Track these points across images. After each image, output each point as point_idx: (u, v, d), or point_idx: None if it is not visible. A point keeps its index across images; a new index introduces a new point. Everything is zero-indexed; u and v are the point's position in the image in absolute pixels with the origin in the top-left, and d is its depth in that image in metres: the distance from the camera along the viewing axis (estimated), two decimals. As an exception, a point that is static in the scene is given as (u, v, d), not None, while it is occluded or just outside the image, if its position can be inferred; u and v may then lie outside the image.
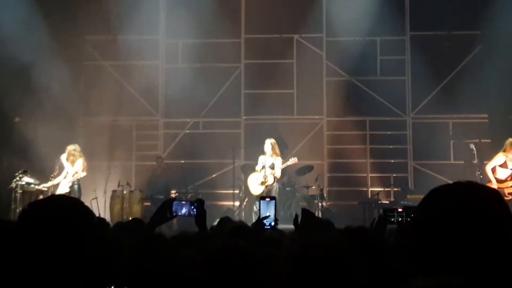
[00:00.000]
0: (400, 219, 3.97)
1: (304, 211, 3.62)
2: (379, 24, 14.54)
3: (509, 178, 10.76)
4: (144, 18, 14.84)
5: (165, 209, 3.54)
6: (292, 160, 12.01)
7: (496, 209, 1.72)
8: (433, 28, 14.98)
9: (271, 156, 12.02)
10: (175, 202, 3.57)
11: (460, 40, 14.85)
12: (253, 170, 12.37)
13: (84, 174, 11.76)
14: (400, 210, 4.01)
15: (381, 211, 3.95)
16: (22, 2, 13.01)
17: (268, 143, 12.10)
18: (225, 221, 5.52)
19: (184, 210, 3.59)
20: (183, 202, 3.63)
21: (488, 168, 10.92)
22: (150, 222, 3.62)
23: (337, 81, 15.25)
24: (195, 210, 3.60)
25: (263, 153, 12.22)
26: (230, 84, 15.51)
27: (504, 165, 10.79)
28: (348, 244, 1.92)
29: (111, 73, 15.27)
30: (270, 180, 11.95)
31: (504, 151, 10.75)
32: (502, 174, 10.81)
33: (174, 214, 3.56)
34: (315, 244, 1.88)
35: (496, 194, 1.78)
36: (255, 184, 12.14)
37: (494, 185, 10.57)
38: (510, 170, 10.78)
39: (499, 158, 10.83)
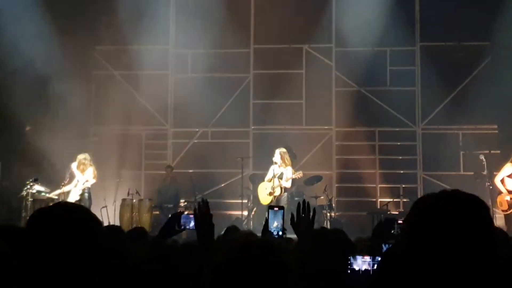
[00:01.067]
0: (400, 231, 3.83)
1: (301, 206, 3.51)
2: (389, 34, 14.54)
3: (518, 188, 10.74)
4: (154, 28, 14.92)
5: (174, 222, 3.55)
6: (297, 174, 11.91)
7: (479, 216, 1.75)
8: (443, 38, 14.98)
9: (281, 165, 11.92)
10: (183, 215, 3.58)
11: (470, 51, 14.82)
12: (263, 179, 12.34)
13: (94, 181, 11.79)
14: (400, 221, 3.87)
15: (382, 220, 3.85)
16: (34, 14, 13.15)
17: (277, 153, 11.98)
18: (232, 230, 5.49)
19: (192, 224, 3.59)
20: (191, 216, 3.65)
21: (497, 180, 10.89)
22: (158, 235, 3.64)
23: (346, 92, 15.24)
24: None
25: (273, 162, 12.15)
26: (239, 94, 15.55)
27: None
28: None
29: (121, 83, 15.36)
30: (277, 191, 11.87)
31: None
32: (511, 184, 10.78)
33: (183, 227, 3.57)
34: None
35: (480, 202, 1.81)
36: (264, 194, 12.10)
37: (507, 195, 10.61)
38: (519, 180, 10.76)
39: (508, 168, 10.80)
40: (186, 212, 3.66)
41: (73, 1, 14.26)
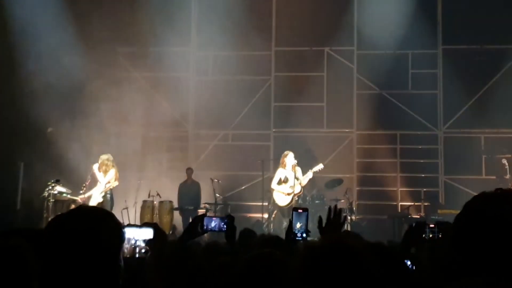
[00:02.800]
0: (431, 235, 3.82)
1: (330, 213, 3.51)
2: (410, 37, 14.49)
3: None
4: (175, 30, 14.97)
5: (197, 224, 3.61)
6: (318, 167, 11.92)
7: None
8: (465, 42, 14.87)
9: (292, 169, 11.84)
10: (206, 218, 3.65)
11: (493, 54, 14.71)
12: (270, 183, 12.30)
13: (116, 183, 11.85)
14: (432, 225, 3.85)
15: (413, 224, 3.83)
16: (59, 19, 13.33)
17: (293, 156, 11.91)
18: (246, 233, 5.46)
19: (213, 224, 3.66)
20: (214, 218, 3.71)
21: None
22: (181, 236, 3.69)
23: (367, 94, 15.20)
24: (225, 226, 3.68)
25: (281, 166, 12.04)
26: (260, 96, 15.56)
27: None
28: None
29: (143, 85, 15.42)
30: (297, 189, 11.88)
31: None
32: None
33: (205, 228, 3.63)
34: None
35: None
36: (282, 196, 12.03)
37: None
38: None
39: None
40: (208, 214, 3.72)
41: (96, 5, 14.36)
